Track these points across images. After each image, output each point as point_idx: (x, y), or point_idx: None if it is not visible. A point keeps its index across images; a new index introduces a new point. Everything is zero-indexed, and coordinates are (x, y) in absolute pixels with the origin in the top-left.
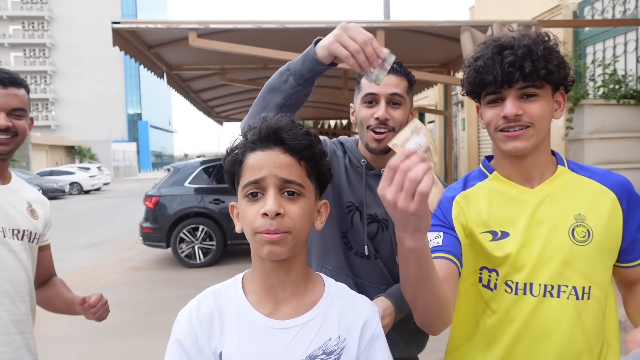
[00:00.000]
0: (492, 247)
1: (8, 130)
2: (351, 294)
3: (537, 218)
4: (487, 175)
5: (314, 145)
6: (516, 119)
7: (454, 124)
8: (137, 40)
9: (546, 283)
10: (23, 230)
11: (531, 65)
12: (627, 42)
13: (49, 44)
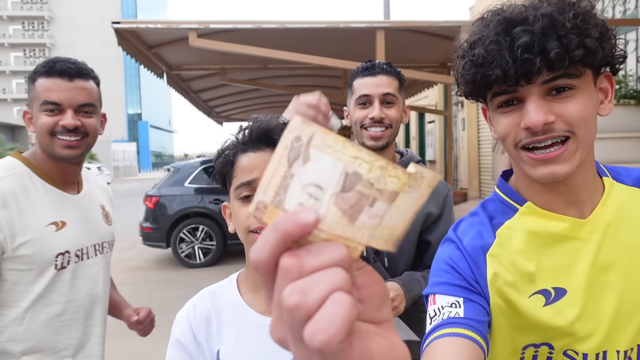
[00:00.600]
0: (548, 314)
1: (77, 130)
2: None
3: (602, 261)
4: (515, 209)
5: None
6: (546, 129)
7: (454, 124)
8: (137, 40)
9: (628, 348)
10: (102, 242)
11: (559, 45)
12: (627, 42)
13: (49, 44)
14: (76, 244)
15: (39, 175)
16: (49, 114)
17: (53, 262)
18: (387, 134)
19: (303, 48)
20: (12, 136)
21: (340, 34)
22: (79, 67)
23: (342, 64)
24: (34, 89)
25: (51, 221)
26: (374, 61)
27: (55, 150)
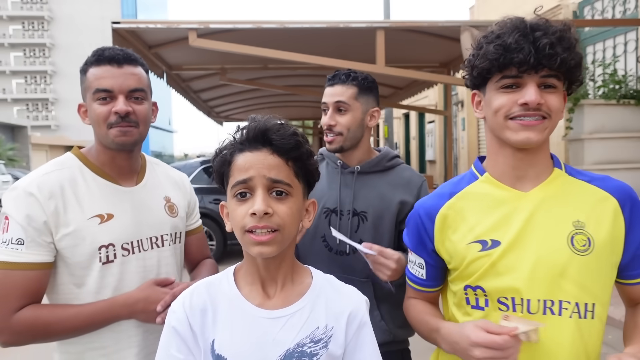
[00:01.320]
0: (482, 258)
1: (129, 117)
2: (338, 285)
3: (532, 223)
4: (477, 177)
5: (301, 145)
6: (537, 107)
7: (454, 124)
8: (137, 40)
9: (545, 298)
10: (162, 235)
11: (564, 53)
12: (627, 42)
13: (49, 44)
14: (123, 237)
15: (92, 168)
16: (102, 102)
17: (97, 255)
18: (339, 139)
19: (303, 48)
20: (12, 136)
21: (340, 34)
22: (127, 53)
23: (342, 64)
24: (85, 79)
25: (96, 214)
26: (339, 71)
27: (109, 139)
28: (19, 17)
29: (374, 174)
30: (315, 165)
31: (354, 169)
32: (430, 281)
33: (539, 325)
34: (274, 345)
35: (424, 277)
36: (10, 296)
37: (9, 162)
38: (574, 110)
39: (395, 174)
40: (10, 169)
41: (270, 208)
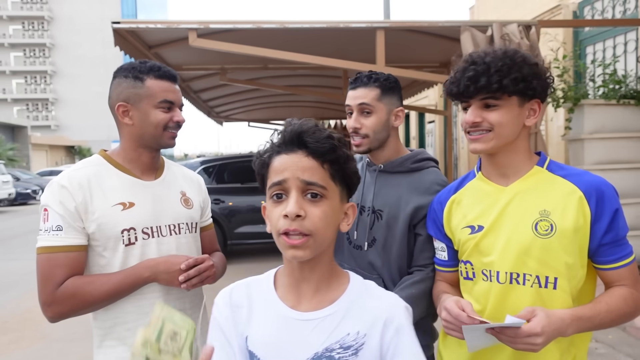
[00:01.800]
0: (470, 239)
1: (179, 124)
2: (376, 291)
3: (505, 212)
4: (475, 175)
5: (337, 148)
6: (475, 124)
7: (454, 124)
8: (137, 40)
9: (511, 271)
10: (178, 223)
11: (486, 80)
12: (627, 42)
13: (49, 44)
14: (143, 223)
15: (115, 165)
16: (165, 111)
17: (120, 238)
18: (365, 142)
19: (303, 48)
20: (12, 136)
21: (340, 34)
22: (175, 74)
23: (342, 64)
24: (143, 87)
25: (119, 202)
26: (360, 74)
27: (163, 140)
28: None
29: (397, 174)
30: (353, 168)
31: (378, 167)
32: (451, 261)
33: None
34: (303, 347)
35: (446, 258)
36: (55, 275)
37: (9, 162)
38: (574, 110)
39: (419, 176)
40: (10, 169)
41: (303, 210)
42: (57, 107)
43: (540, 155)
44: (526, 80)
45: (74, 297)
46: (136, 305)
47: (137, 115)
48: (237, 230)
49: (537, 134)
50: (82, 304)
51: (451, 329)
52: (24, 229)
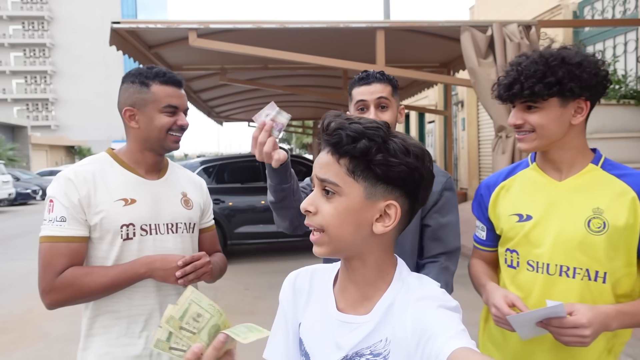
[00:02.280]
0: (517, 227)
1: (184, 128)
2: (413, 292)
3: (557, 206)
4: (529, 165)
5: (353, 140)
6: (517, 126)
7: (454, 124)
8: (137, 40)
9: (562, 263)
10: (177, 223)
11: (519, 87)
12: (627, 42)
13: (49, 44)
14: (142, 219)
15: (120, 163)
16: (170, 115)
17: (119, 232)
18: None
19: (303, 48)
20: (12, 136)
21: (340, 34)
22: (182, 79)
23: (342, 64)
24: (148, 92)
25: (121, 197)
26: (369, 71)
27: (166, 143)
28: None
29: None
30: (388, 162)
31: None
32: (489, 242)
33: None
34: (336, 348)
35: (484, 238)
36: (56, 263)
37: (9, 162)
38: None
39: None
40: (10, 169)
41: (313, 206)
42: (57, 107)
43: (596, 153)
44: (561, 83)
45: (71, 287)
46: (128, 297)
47: (143, 119)
48: (237, 230)
49: None
50: (79, 293)
51: (502, 323)
52: (24, 229)
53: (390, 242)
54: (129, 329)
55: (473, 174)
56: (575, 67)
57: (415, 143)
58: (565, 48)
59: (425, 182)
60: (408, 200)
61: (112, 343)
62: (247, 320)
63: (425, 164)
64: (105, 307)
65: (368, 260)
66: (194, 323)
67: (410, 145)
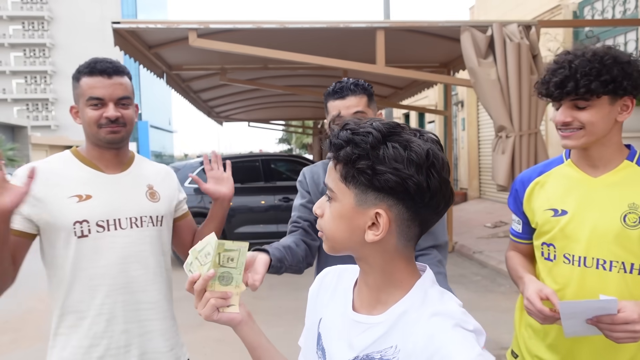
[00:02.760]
0: (552, 222)
1: (117, 120)
2: (434, 306)
3: (592, 201)
4: (563, 161)
5: (339, 147)
6: (567, 124)
7: (454, 124)
8: (137, 40)
9: (599, 257)
10: (141, 216)
11: (573, 84)
12: (627, 42)
13: (49, 44)
14: (98, 215)
15: (80, 159)
16: (94, 108)
17: (72, 230)
18: None
19: (303, 48)
20: (12, 136)
21: (340, 34)
22: (116, 66)
23: (342, 64)
24: (78, 87)
25: (75, 194)
26: (343, 82)
27: (101, 137)
28: (19, 17)
29: None
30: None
31: None
32: (524, 234)
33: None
34: (349, 347)
35: (520, 230)
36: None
37: (9, 162)
38: None
39: None
40: (10, 169)
41: (320, 209)
42: (57, 107)
43: (630, 149)
44: (616, 82)
45: None
46: (91, 297)
47: (81, 115)
48: (237, 231)
49: (537, 133)
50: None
51: (534, 315)
52: None
53: (395, 250)
54: (90, 329)
55: (473, 174)
56: (627, 65)
57: (418, 148)
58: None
59: (425, 191)
60: (406, 208)
61: (76, 344)
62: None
63: (424, 171)
64: (69, 307)
65: (374, 266)
66: (203, 258)
67: (409, 151)
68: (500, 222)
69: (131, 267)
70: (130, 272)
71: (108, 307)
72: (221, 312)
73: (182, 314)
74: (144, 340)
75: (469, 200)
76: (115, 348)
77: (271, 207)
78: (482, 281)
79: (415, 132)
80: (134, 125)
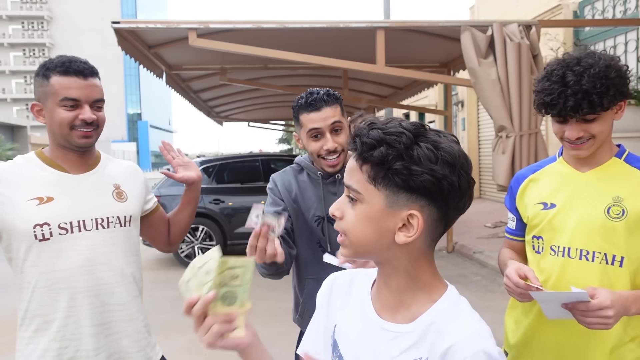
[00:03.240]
0: (541, 215)
1: (92, 123)
2: (463, 317)
3: (579, 194)
4: (556, 159)
5: (370, 148)
6: (579, 138)
7: (454, 124)
8: (136, 40)
9: (582, 248)
10: (107, 217)
11: (587, 105)
12: (627, 42)
13: (48, 43)
14: (60, 218)
15: (44, 160)
16: (69, 109)
17: (32, 233)
18: (342, 158)
19: (303, 48)
20: (12, 136)
21: (340, 34)
22: (91, 67)
23: (342, 64)
24: (48, 85)
25: (35, 196)
26: (314, 93)
27: (73, 140)
28: (19, 17)
29: None
30: (410, 170)
31: (336, 177)
32: (518, 231)
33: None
34: (373, 354)
35: (514, 228)
36: None
37: None
38: None
39: None
40: None
41: (339, 211)
42: None
43: (620, 148)
44: (622, 93)
45: None
46: (53, 298)
47: (47, 114)
48: (237, 231)
49: (537, 133)
50: None
51: (512, 293)
52: None
53: (421, 251)
54: (58, 332)
55: (473, 174)
56: (625, 74)
57: (449, 148)
58: (605, 56)
59: (457, 191)
60: (437, 209)
61: (44, 347)
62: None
63: (457, 171)
64: (34, 311)
65: (399, 268)
66: (204, 276)
67: (441, 151)
68: (501, 222)
69: (98, 269)
70: (97, 274)
71: (75, 310)
72: (226, 337)
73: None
74: (111, 340)
75: None
76: (85, 350)
77: None
78: (482, 281)
79: (437, 132)
80: (103, 128)
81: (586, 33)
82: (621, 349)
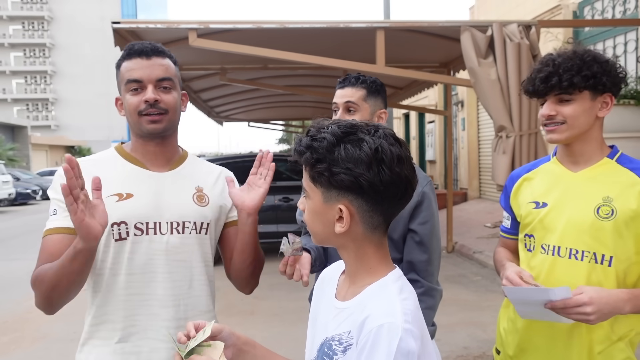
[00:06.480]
0: (533, 213)
1: (157, 105)
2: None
3: (570, 194)
4: (550, 159)
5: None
6: (550, 117)
7: (454, 124)
8: (136, 40)
9: (571, 247)
10: (183, 222)
11: (557, 79)
12: (627, 42)
13: (49, 44)
14: (138, 216)
15: (123, 156)
16: (133, 93)
17: (110, 232)
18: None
19: (303, 48)
20: (12, 136)
21: (340, 34)
22: (155, 46)
23: (342, 64)
24: (119, 73)
25: (115, 192)
26: (349, 75)
27: (142, 126)
28: (19, 17)
29: None
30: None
31: None
32: (512, 229)
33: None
34: (324, 329)
35: (509, 226)
36: (40, 259)
37: (9, 162)
38: None
39: None
40: (10, 169)
41: (302, 205)
42: (57, 107)
43: (613, 149)
44: (596, 77)
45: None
46: (125, 307)
47: (124, 104)
48: None
49: (537, 133)
50: (45, 289)
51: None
52: (24, 229)
53: (363, 238)
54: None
55: (473, 174)
56: (605, 64)
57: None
58: (589, 49)
59: (379, 185)
60: (365, 201)
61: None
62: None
63: (375, 168)
64: (102, 317)
65: (350, 254)
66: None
67: (360, 151)
68: (500, 222)
69: (166, 278)
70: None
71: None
72: None
73: None
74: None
75: (469, 200)
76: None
77: (271, 207)
78: (482, 281)
79: (370, 129)
80: (179, 115)
81: (586, 33)
82: (609, 348)
